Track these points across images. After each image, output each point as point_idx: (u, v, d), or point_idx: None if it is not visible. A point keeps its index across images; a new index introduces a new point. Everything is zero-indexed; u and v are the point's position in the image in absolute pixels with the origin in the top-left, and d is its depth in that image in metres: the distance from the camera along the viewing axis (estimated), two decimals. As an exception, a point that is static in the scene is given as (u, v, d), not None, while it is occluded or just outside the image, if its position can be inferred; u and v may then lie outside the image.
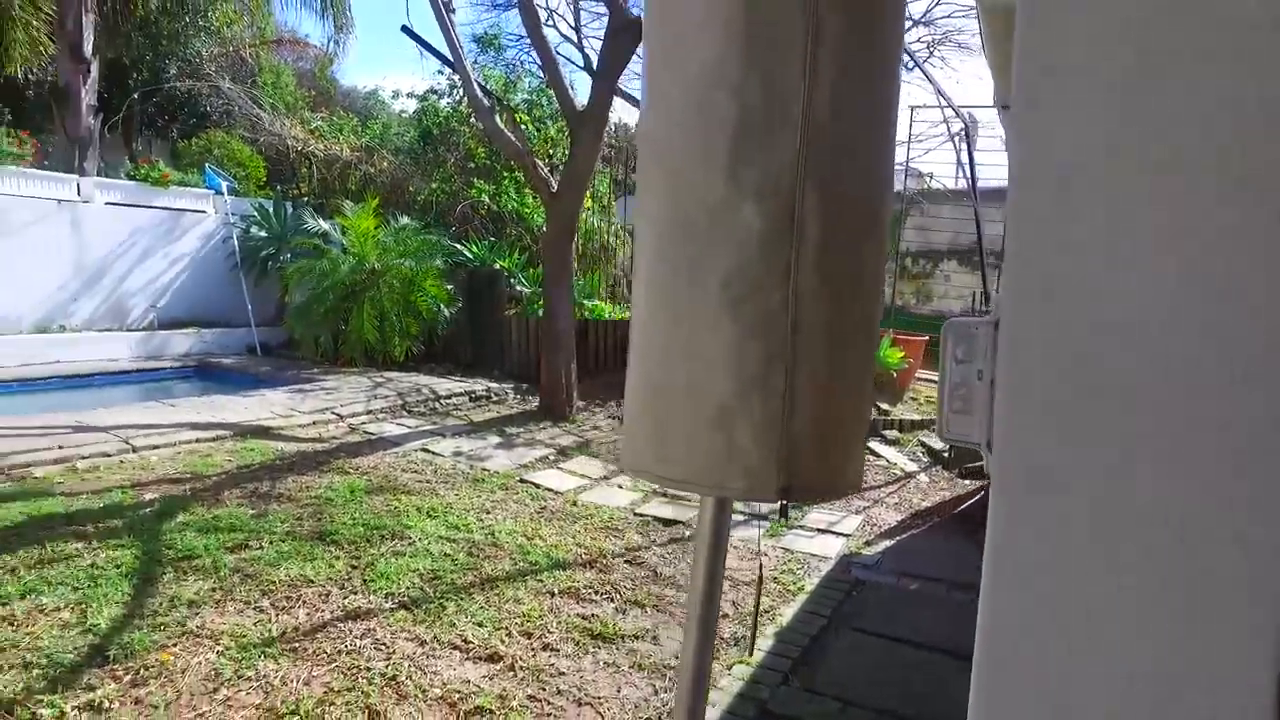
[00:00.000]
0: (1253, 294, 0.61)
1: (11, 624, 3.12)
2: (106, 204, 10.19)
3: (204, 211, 11.10)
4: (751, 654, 3.35)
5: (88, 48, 10.99)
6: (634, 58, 6.79)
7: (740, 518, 5.20)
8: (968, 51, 9.84)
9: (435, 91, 12.27)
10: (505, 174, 10.73)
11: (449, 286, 9.41)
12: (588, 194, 9.70)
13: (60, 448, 5.22)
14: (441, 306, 9.25)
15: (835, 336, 0.75)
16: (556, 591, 3.83)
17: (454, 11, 7.77)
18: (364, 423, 6.91)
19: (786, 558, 4.55)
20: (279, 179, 13.57)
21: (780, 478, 0.74)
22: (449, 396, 7.91)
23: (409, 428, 6.87)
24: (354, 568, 3.88)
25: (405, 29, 8.17)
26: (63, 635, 3.06)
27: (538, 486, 5.52)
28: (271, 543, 4.07)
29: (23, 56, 8.84)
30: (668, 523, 4.97)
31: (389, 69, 48.57)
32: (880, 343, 7.03)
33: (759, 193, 0.70)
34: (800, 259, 0.70)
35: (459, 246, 9.99)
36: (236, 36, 19.29)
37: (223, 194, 11.18)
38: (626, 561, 4.30)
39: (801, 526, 5.09)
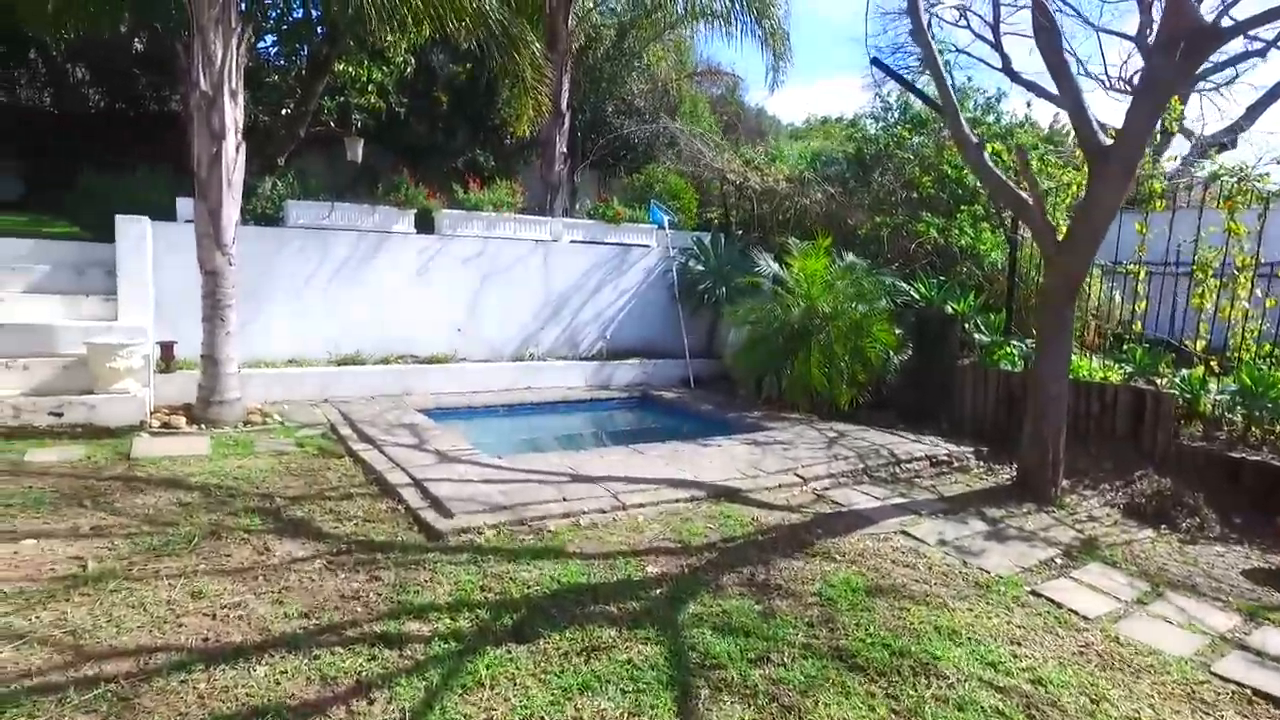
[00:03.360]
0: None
1: (581, 735, 3.04)
2: (570, 242, 11.15)
3: (648, 246, 11.69)
4: None
5: (564, 102, 12.21)
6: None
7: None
8: None
9: (874, 117, 11.67)
10: (961, 207, 9.74)
11: (897, 331, 8.71)
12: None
13: (564, 499, 5.46)
14: (891, 353, 8.58)
15: None
16: (1171, 806, 2.90)
17: (934, 37, 7.01)
18: (828, 488, 6.46)
19: None
20: (708, 209, 14.01)
21: None
22: (909, 460, 7.19)
23: (877, 499, 6.28)
24: (895, 713, 3.32)
25: (875, 61, 7.65)
26: (627, 761, 2.89)
27: (1058, 605, 4.55)
28: (793, 659, 3.67)
29: (530, 118, 9.94)
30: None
31: (789, 93, 49.26)
32: None
33: None
34: None
35: (905, 286, 9.24)
36: (664, 73, 20.64)
37: (664, 228, 11.69)
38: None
39: None
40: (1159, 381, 7.41)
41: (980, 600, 4.51)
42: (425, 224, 10.28)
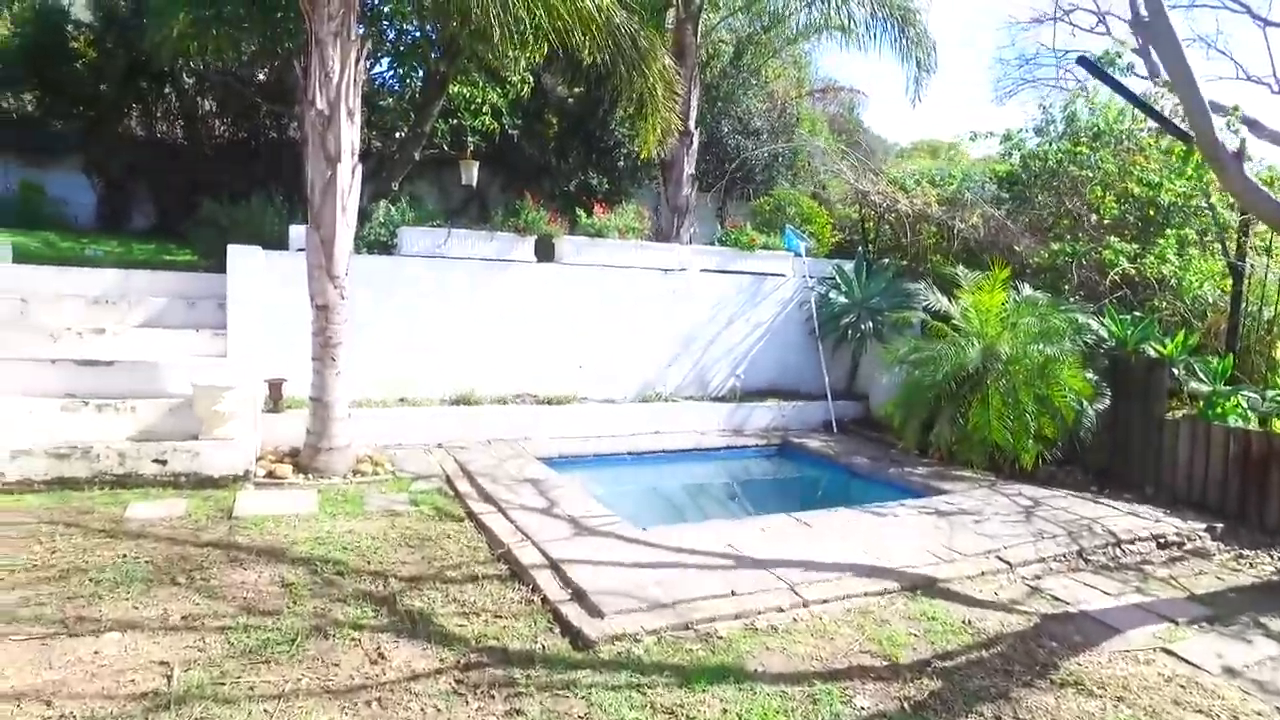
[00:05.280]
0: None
1: None
2: (700, 271, 10.21)
3: (782, 275, 10.64)
4: None
5: (692, 122, 11.37)
6: None
7: None
8: None
9: (1037, 129, 10.34)
10: (1166, 231, 8.33)
11: (1090, 376, 7.40)
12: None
13: (733, 593, 4.46)
14: (1085, 403, 7.26)
15: None
16: None
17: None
18: (1040, 577, 5.25)
19: None
20: (840, 233, 12.91)
21: None
22: (1130, 540, 5.89)
23: (1108, 595, 5.02)
24: None
25: (1082, 60, 6.46)
26: None
27: None
28: None
29: (657, 139, 9.14)
30: None
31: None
32: None
33: None
34: None
35: (1095, 324, 7.90)
36: (782, 91, 19.64)
37: (801, 256, 10.63)
38: None
39: None
40: None
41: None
42: (544, 251, 9.54)
